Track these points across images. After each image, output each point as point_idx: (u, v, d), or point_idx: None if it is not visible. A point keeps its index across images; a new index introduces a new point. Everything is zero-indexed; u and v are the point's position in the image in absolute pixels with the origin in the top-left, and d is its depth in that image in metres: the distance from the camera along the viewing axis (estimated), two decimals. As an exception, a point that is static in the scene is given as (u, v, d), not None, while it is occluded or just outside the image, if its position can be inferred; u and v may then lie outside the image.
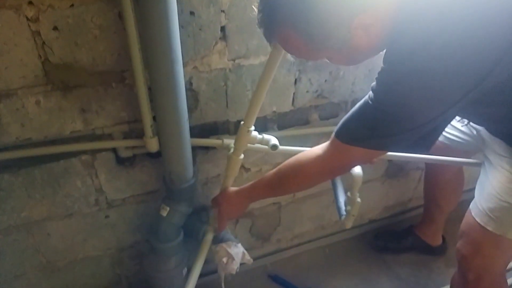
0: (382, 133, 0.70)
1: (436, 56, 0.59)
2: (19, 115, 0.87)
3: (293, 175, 0.90)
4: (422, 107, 0.64)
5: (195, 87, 1.01)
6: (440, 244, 1.55)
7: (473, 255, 0.98)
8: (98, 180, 1.08)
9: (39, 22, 0.78)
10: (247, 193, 1.01)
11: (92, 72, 0.89)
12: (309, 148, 0.92)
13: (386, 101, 0.67)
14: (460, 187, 1.42)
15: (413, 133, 0.68)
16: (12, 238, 1.06)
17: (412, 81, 0.62)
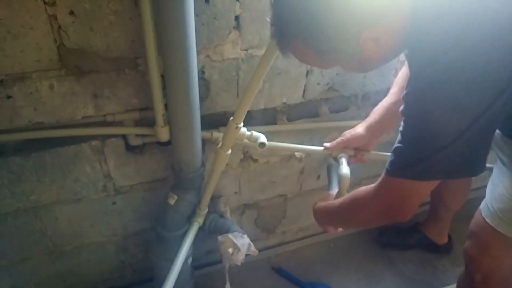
0: (417, 158, 0.64)
1: (451, 67, 0.57)
2: (32, 99, 0.88)
3: (352, 209, 0.85)
4: (448, 118, 0.60)
5: (207, 76, 1.01)
6: (445, 243, 1.55)
7: (481, 256, 0.97)
8: (107, 166, 1.08)
9: (56, 6, 0.78)
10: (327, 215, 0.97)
11: (105, 58, 0.89)
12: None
13: (413, 122, 0.65)
14: (467, 187, 1.42)
15: (451, 152, 0.62)
16: (21, 221, 1.07)
17: (431, 94, 0.60)
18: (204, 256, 1.46)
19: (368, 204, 0.78)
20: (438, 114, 0.59)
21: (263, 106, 1.14)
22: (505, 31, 0.56)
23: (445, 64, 0.57)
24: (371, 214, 0.79)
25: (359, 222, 0.88)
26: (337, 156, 1.09)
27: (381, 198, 0.75)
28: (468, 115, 0.58)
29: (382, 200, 0.75)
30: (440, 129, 0.60)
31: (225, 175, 1.25)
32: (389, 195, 0.72)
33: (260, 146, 0.98)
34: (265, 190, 1.38)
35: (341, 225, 0.98)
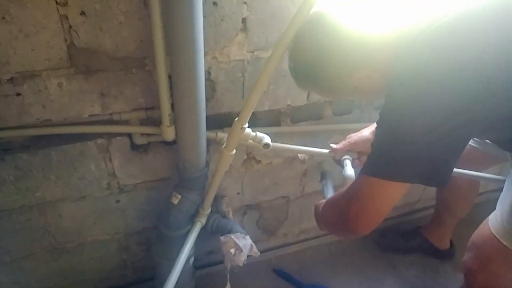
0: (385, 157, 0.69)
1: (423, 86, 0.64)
2: (41, 96, 0.89)
3: (327, 207, 0.87)
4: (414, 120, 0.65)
5: (213, 77, 1.02)
6: (447, 248, 1.55)
7: (478, 270, 0.96)
8: (112, 165, 1.09)
9: (68, 6, 0.79)
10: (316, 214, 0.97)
11: (114, 57, 0.90)
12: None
13: (384, 124, 0.70)
14: (474, 194, 1.41)
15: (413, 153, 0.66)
16: (25, 217, 1.08)
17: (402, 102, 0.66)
18: (206, 256, 1.47)
19: (336, 200, 0.82)
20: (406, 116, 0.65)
21: (267, 108, 1.15)
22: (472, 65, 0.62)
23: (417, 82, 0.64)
24: (335, 212, 0.80)
25: (328, 221, 0.86)
26: (341, 158, 1.09)
27: (347, 193, 0.76)
28: (429, 123, 0.64)
29: (347, 196, 0.76)
30: (406, 130, 0.65)
31: (228, 175, 1.26)
32: (354, 191, 0.74)
33: (264, 147, 0.99)
34: (268, 191, 1.39)
35: (322, 225, 0.94)
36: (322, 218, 0.90)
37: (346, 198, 0.76)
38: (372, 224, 0.72)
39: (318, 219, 0.94)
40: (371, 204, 0.71)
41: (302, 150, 1.15)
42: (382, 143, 0.70)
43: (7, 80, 0.84)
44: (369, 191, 0.71)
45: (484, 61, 0.62)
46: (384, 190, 0.69)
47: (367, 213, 0.71)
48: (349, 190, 0.77)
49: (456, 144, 0.66)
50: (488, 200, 1.01)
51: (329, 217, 0.85)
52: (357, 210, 0.72)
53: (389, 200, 0.70)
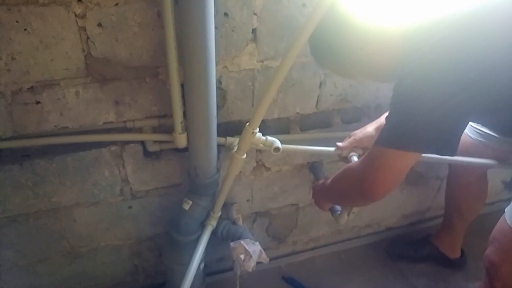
0: (400, 128, 0.74)
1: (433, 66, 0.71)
2: (59, 105, 0.92)
3: (339, 177, 0.92)
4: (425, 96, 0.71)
5: (224, 85, 1.05)
6: (458, 257, 1.53)
7: (501, 262, 0.98)
8: (125, 171, 1.12)
9: (86, 18, 0.83)
10: (321, 188, 1.03)
11: (128, 66, 0.93)
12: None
13: (399, 100, 0.75)
14: (483, 193, 1.40)
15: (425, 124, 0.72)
16: (41, 222, 1.11)
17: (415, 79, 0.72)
18: (216, 263, 1.48)
19: (352, 170, 0.87)
20: (419, 91, 0.71)
21: (277, 116, 1.17)
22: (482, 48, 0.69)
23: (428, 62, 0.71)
24: (350, 184, 0.85)
25: (341, 191, 0.92)
26: (348, 155, 1.12)
27: (363, 163, 0.81)
28: (438, 98, 0.70)
29: (364, 166, 0.81)
30: (420, 103, 0.71)
31: (238, 182, 1.27)
32: (370, 161, 0.79)
33: (275, 150, 1.00)
34: (277, 198, 1.40)
35: (331, 197, 1.01)
36: (332, 188, 0.95)
37: (361, 168, 0.82)
38: (387, 190, 0.78)
39: (324, 191, 1.00)
40: (386, 172, 0.76)
41: (310, 150, 1.17)
42: (397, 116, 0.75)
43: (27, 89, 0.88)
44: (385, 161, 0.76)
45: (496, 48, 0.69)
46: (399, 159, 0.75)
47: (383, 181, 0.77)
48: (364, 161, 0.82)
49: (464, 116, 0.73)
50: (500, 210, 1.01)
51: (342, 185, 0.91)
52: (373, 178, 0.77)
53: (403, 169, 0.76)
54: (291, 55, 0.77)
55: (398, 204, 1.63)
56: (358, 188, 0.81)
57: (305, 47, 1.04)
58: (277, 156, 1.26)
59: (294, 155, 1.29)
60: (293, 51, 0.77)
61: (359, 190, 0.81)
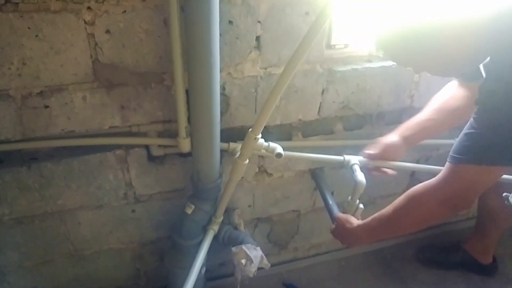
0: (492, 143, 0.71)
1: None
2: (67, 109, 0.95)
3: (409, 206, 0.88)
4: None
5: (227, 92, 1.07)
6: (490, 263, 1.50)
7: None
8: (129, 175, 1.14)
9: (95, 25, 0.86)
10: (367, 230, 1.00)
11: (134, 72, 0.96)
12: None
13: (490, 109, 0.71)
14: None
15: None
16: (47, 224, 1.13)
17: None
18: (217, 268, 1.48)
19: (433, 196, 0.82)
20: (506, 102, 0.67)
21: (279, 122, 1.19)
22: None
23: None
24: (435, 206, 0.82)
25: (417, 220, 0.89)
26: (350, 164, 1.14)
27: (450, 185, 0.79)
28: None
29: (451, 188, 0.78)
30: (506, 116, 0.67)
31: (240, 187, 1.29)
32: (458, 181, 0.77)
33: (277, 156, 1.02)
34: (279, 204, 1.41)
35: (389, 233, 0.99)
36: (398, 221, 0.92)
37: (448, 188, 0.79)
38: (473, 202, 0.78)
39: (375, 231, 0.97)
40: (476, 188, 0.76)
41: (315, 158, 1.18)
42: (485, 129, 0.71)
43: (37, 94, 0.90)
44: (473, 178, 0.75)
45: None
46: (485, 175, 0.74)
47: (473, 197, 0.77)
48: (447, 180, 0.79)
49: None
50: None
51: (418, 215, 0.87)
52: (467, 197, 0.77)
53: (489, 183, 0.75)
54: (294, 62, 0.79)
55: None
56: (446, 207, 0.80)
57: (308, 54, 1.08)
58: (279, 162, 1.28)
59: (296, 161, 1.30)
60: (296, 59, 0.79)
61: (447, 208, 0.80)
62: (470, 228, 1.55)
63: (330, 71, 1.13)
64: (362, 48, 1.17)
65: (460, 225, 1.75)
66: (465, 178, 0.76)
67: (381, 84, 1.21)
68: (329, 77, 1.14)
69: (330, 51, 1.13)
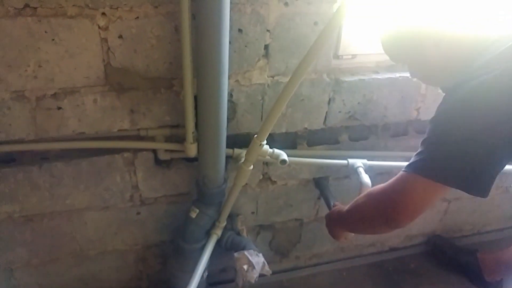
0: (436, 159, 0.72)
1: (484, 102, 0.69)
2: (78, 111, 0.97)
3: (362, 203, 0.88)
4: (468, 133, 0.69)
5: (234, 98, 1.09)
6: (493, 281, 1.46)
7: None
8: (136, 178, 1.16)
9: (108, 30, 0.89)
10: (338, 216, 1.01)
11: (144, 77, 0.98)
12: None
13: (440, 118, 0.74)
14: None
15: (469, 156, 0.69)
16: (55, 222, 1.15)
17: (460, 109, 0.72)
18: (218, 273, 1.49)
19: (377, 193, 0.82)
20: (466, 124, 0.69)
21: (284, 130, 1.20)
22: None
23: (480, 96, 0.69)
24: (373, 207, 0.82)
25: (363, 217, 0.89)
26: (354, 167, 1.15)
27: (391, 190, 0.78)
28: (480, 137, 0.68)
29: (389, 190, 0.78)
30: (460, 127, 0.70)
31: (244, 194, 1.30)
32: (399, 186, 0.76)
33: (281, 163, 1.03)
34: (282, 212, 1.41)
35: (350, 224, 0.97)
36: (352, 213, 0.92)
37: (388, 193, 0.79)
38: (412, 218, 0.75)
39: (341, 218, 0.98)
40: (415, 200, 0.74)
41: (320, 163, 1.19)
42: (435, 140, 0.73)
43: (50, 95, 0.93)
44: (415, 188, 0.73)
45: None
46: (429, 189, 0.72)
47: (411, 209, 0.74)
48: (392, 185, 0.78)
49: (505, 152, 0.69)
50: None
51: (364, 210, 0.87)
52: (400, 204, 0.75)
53: (432, 199, 0.74)
54: (301, 71, 0.81)
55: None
56: (383, 213, 0.78)
57: (316, 64, 1.09)
58: (283, 170, 1.29)
59: (301, 170, 1.31)
60: (303, 67, 0.80)
61: (384, 215, 0.78)
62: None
63: (337, 81, 1.15)
64: (369, 59, 1.18)
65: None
66: (405, 185, 0.75)
67: (387, 96, 1.22)
68: (336, 87, 1.16)
69: (337, 61, 1.15)
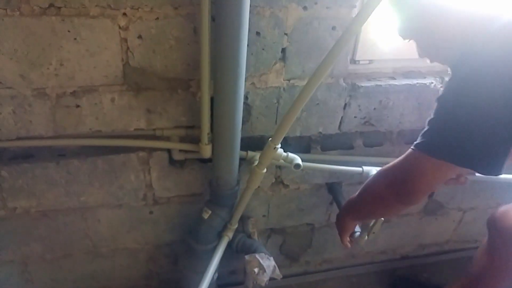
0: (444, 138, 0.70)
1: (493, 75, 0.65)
2: (96, 109, 0.99)
3: (373, 180, 0.89)
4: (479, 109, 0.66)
5: (250, 101, 1.09)
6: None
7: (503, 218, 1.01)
8: (150, 177, 1.16)
9: (128, 30, 0.90)
10: (349, 203, 1.01)
11: (162, 78, 0.99)
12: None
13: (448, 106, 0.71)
14: None
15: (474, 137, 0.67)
16: (69, 219, 1.17)
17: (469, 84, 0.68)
18: (228, 275, 1.49)
19: (387, 174, 0.82)
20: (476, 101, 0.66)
21: (299, 134, 1.20)
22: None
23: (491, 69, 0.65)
24: (385, 188, 0.82)
25: (374, 195, 0.88)
26: (369, 175, 1.12)
27: (400, 167, 0.78)
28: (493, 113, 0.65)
29: (399, 169, 0.78)
30: (473, 105, 0.66)
31: (256, 197, 1.30)
32: (406, 166, 0.76)
33: (295, 167, 1.03)
34: (293, 216, 1.41)
35: (361, 208, 0.97)
36: (365, 191, 0.92)
37: (399, 173, 0.78)
38: (424, 195, 0.75)
39: (352, 201, 0.98)
40: (424, 179, 0.73)
41: (334, 169, 1.18)
42: (443, 117, 0.71)
43: (70, 93, 0.95)
44: (422, 167, 0.73)
45: None
46: (438, 168, 0.71)
47: (420, 187, 0.74)
48: (402, 164, 0.78)
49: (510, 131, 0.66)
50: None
51: (377, 186, 0.87)
52: (411, 184, 0.74)
53: (441, 177, 0.73)
54: (318, 75, 0.80)
55: (416, 232, 1.61)
56: (394, 191, 0.78)
57: (332, 68, 1.09)
58: (296, 174, 1.29)
59: (313, 174, 1.30)
60: (320, 72, 0.80)
61: (395, 192, 0.77)
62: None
63: (353, 86, 1.14)
64: (386, 64, 1.18)
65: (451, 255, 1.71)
66: (412, 164, 0.74)
67: (404, 102, 1.21)
68: (352, 92, 1.15)
69: (354, 66, 1.14)
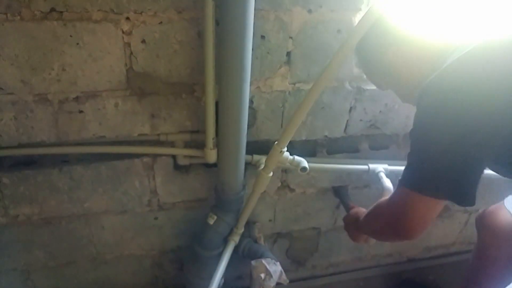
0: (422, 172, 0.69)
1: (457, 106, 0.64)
2: (99, 114, 0.98)
3: (373, 214, 0.88)
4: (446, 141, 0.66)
5: (255, 105, 1.08)
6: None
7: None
8: (154, 182, 1.15)
9: (132, 35, 0.88)
10: (355, 226, 1.02)
11: (166, 82, 0.98)
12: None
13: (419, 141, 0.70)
14: None
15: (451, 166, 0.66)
16: (73, 226, 1.15)
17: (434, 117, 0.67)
18: (234, 280, 1.47)
19: (382, 210, 0.83)
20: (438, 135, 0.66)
21: (304, 138, 1.18)
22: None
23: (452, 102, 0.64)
24: (381, 223, 0.83)
25: (374, 230, 0.89)
26: (375, 172, 1.15)
27: (392, 205, 0.77)
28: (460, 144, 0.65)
29: (392, 208, 0.77)
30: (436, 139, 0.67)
31: (262, 201, 1.28)
32: (398, 203, 0.75)
33: (302, 170, 1.01)
34: (299, 221, 1.39)
35: (365, 231, 0.98)
36: (366, 227, 0.93)
37: (392, 209, 0.77)
38: (421, 230, 0.73)
39: (358, 228, 0.99)
40: (415, 215, 0.72)
41: (341, 169, 1.17)
42: (416, 152, 0.71)
43: (73, 99, 0.94)
44: (410, 203, 0.71)
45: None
46: (421, 203, 0.70)
47: (416, 223, 0.73)
48: (392, 201, 0.78)
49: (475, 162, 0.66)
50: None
51: (376, 225, 0.87)
52: (405, 219, 0.73)
53: (434, 212, 0.72)
54: (323, 79, 0.80)
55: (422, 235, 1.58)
56: (392, 228, 0.77)
57: (338, 72, 1.08)
58: (302, 178, 1.27)
59: (320, 178, 1.29)
60: (326, 76, 0.79)
61: (394, 230, 0.77)
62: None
63: (359, 89, 1.13)
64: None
65: (457, 257, 1.69)
66: (402, 201, 0.73)
67: (409, 105, 1.19)
68: (358, 95, 1.13)
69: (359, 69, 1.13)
